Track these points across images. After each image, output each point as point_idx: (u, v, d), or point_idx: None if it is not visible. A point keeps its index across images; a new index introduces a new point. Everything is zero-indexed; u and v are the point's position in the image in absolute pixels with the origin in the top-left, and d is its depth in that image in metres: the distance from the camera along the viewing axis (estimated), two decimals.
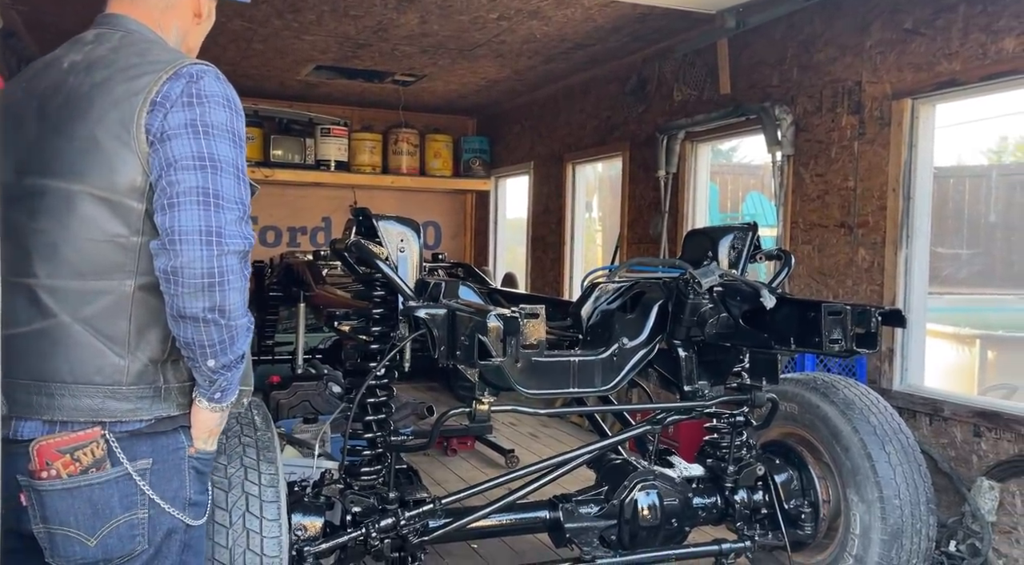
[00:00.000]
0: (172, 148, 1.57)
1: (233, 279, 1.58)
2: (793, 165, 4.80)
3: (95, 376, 1.60)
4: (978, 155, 7.64)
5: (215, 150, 1.59)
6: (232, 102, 1.67)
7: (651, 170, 5.99)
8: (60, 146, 1.63)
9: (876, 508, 2.94)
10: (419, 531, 2.66)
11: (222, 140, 1.61)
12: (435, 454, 5.51)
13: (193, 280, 1.54)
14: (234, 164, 1.62)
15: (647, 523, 2.94)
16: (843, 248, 4.47)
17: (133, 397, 1.62)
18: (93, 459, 1.57)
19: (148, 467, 1.64)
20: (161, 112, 1.58)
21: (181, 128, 1.58)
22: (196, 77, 1.62)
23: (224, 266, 1.56)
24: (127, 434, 1.63)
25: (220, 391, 1.68)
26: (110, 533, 1.60)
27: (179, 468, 1.71)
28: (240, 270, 1.60)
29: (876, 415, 3.06)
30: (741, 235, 3.12)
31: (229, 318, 1.59)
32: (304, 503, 2.59)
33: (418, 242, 2.69)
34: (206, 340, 1.59)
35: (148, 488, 1.64)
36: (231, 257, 1.57)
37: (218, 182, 1.58)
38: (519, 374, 2.70)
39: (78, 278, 1.60)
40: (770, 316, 2.68)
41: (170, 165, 1.56)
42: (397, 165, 8.62)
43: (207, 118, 1.60)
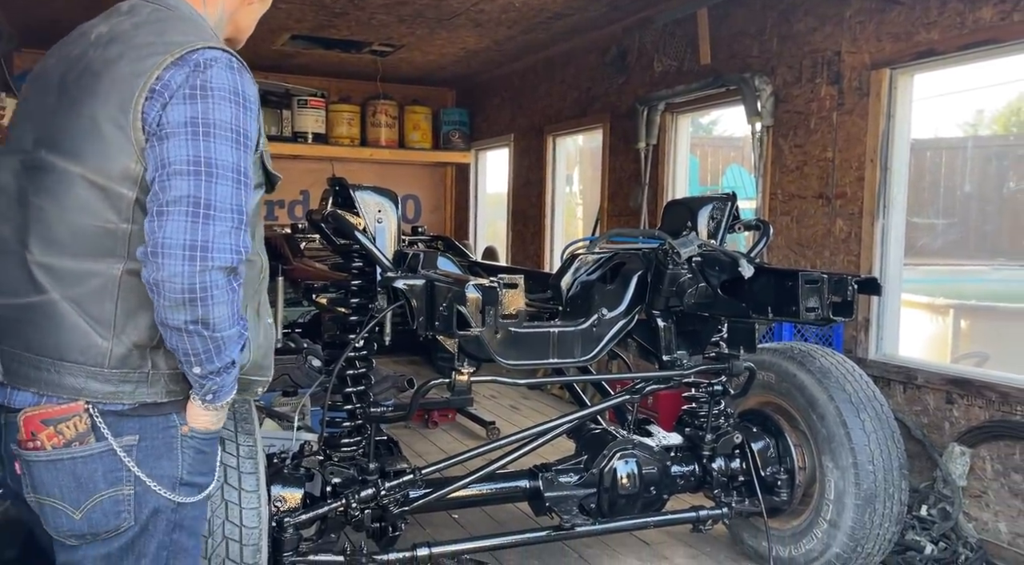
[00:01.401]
0: (168, 149, 1.49)
1: (219, 294, 1.51)
2: (772, 136, 4.80)
3: (79, 356, 1.57)
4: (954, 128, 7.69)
5: (213, 153, 1.50)
6: (241, 95, 1.56)
7: (631, 142, 5.97)
8: (68, 123, 1.58)
9: (850, 474, 2.99)
10: (399, 501, 2.67)
11: (223, 142, 1.51)
12: (416, 427, 5.53)
13: (174, 295, 1.48)
14: (235, 168, 1.53)
15: (626, 491, 2.97)
16: (821, 219, 4.49)
17: (115, 380, 1.59)
18: (76, 433, 1.56)
19: (134, 444, 1.61)
20: (159, 102, 1.50)
21: (179, 127, 1.49)
22: (204, 66, 1.52)
23: (208, 282, 1.49)
24: (112, 412, 1.60)
25: (211, 393, 1.63)
26: (94, 507, 1.59)
27: (170, 447, 1.66)
28: (227, 284, 1.52)
29: (851, 383, 3.10)
30: (720, 205, 3.13)
31: (214, 330, 1.53)
32: (283, 475, 2.59)
33: (396, 212, 2.67)
34: (190, 349, 1.54)
35: (134, 465, 1.61)
36: (216, 273, 1.49)
37: (212, 190, 1.49)
38: (499, 345, 2.70)
39: (70, 258, 1.56)
40: (748, 286, 2.69)
41: (164, 167, 1.49)
42: (376, 137, 8.53)
43: (209, 116, 1.50)
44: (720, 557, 3.49)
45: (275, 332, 1.99)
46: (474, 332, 2.08)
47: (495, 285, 1.99)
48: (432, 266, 2.39)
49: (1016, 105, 8.06)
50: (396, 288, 2.27)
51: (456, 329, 2.07)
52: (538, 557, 3.38)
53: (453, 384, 2.42)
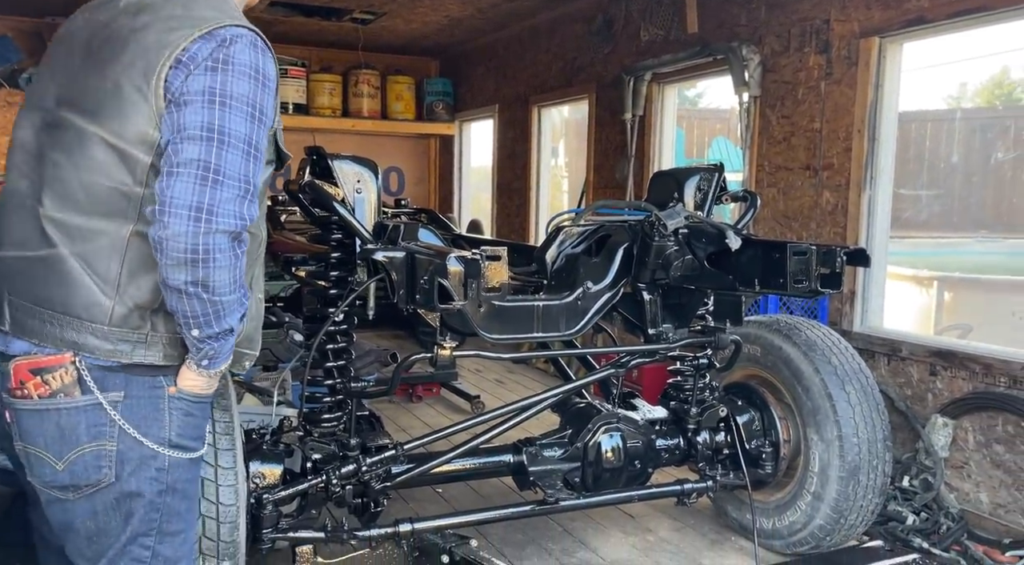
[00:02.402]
0: (184, 115, 1.54)
1: (221, 258, 1.55)
2: (760, 107, 4.74)
3: (81, 311, 1.61)
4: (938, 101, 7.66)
5: (227, 123, 1.55)
6: (261, 73, 1.61)
7: (617, 113, 5.89)
8: (91, 84, 1.63)
9: (835, 446, 2.99)
10: (381, 477, 2.63)
11: (238, 113, 1.56)
12: (400, 401, 5.49)
13: (176, 254, 1.52)
14: (246, 140, 1.57)
15: (610, 465, 2.95)
16: (808, 191, 4.46)
17: (114, 339, 1.62)
18: (62, 384, 1.60)
19: (119, 400, 1.64)
20: (184, 72, 1.55)
21: (198, 95, 1.55)
22: (229, 41, 1.58)
23: (211, 244, 1.53)
24: (98, 366, 1.63)
25: (207, 359, 1.67)
26: (76, 460, 1.62)
27: (157, 407, 1.69)
28: (230, 249, 1.56)
29: (837, 356, 3.08)
30: (707, 176, 3.08)
31: (213, 293, 1.57)
32: (262, 451, 2.54)
33: (376, 183, 2.60)
34: (188, 311, 1.58)
35: (121, 419, 1.64)
36: (220, 236, 1.54)
37: (223, 157, 1.54)
38: (482, 319, 2.65)
39: (81, 215, 1.61)
40: (735, 258, 2.65)
41: (178, 132, 1.54)
42: (358, 108, 8.39)
43: (228, 88, 1.56)
44: (704, 529, 3.49)
45: (263, 307, 1.96)
46: (456, 306, 2.03)
47: (477, 257, 1.94)
48: (413, 238, 2.32)
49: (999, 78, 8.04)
50: (375, 261, 2.21)
51: (437, 303, 2.02)
52: (523, 531, 3.37)
53: (435, 359, 2.37)
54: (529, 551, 3.24)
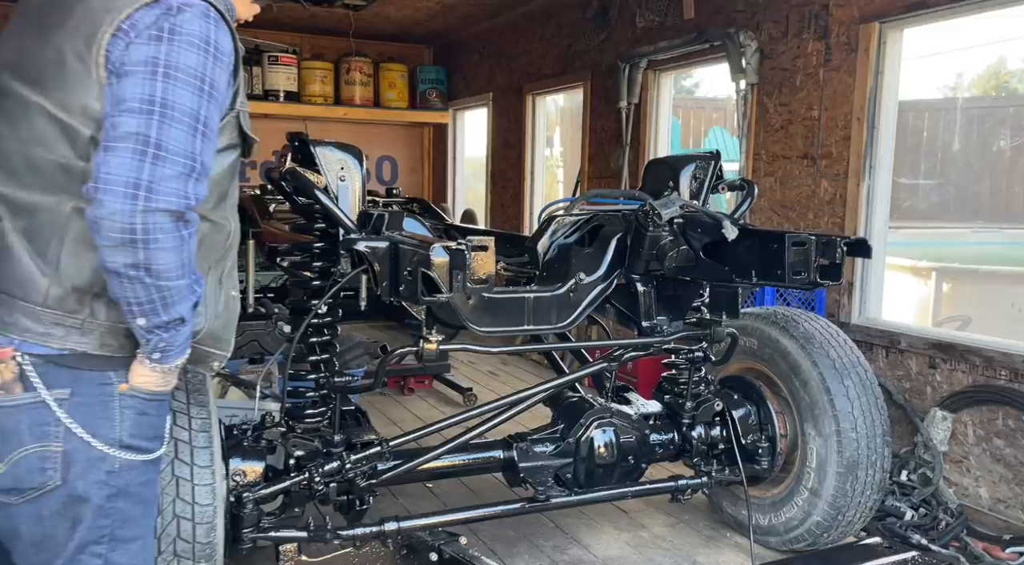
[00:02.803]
0: (124, 86, 1.44)
1: (163, 239, 1.44)
2: (757, 94, 4.65)
3: (16, 289, 1.53)
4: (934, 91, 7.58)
5: (170, 96, 1.44)
6: (213, 45, 1.50)
7: (613, 101, 5.79)
8: (35, 52, 1.54)
9: (833, 441, 2.92)
10: (366, 474, 2.55)
11: (184, 86, 1.45)
12: (391, 393, 5.42)
13: (112, 234, 1.41)
14: (193, 114, 1.47)
15: (603, 461, 2.88)
16: (805, 180, 4.37)
17: (47, 321, 1.53)
18: (2, 380, 1.51)
19: (65, 398, 1.55)
20: (124, 41, 1.46)
21: (139, 65, 1.44)
22: (176, 9, 1.47)
23: (149, 224, 1.42)
24: (41, 359, 1.53)
25: (158, 352, 1.56)
26: (18, 461, 1.53)
27: (106, 405, 1.59)
28: (174, 230, 1.45)
29: (835, 349, 3.01)
30: (703, 164, 3.00)
31: (158, 278, 1.46)
32: (243, 447, 2.46)
33: (360, 170, 2.51)
34: (131, 297, 1.48)
35: (68, 418, 1.54)
36: (159, 215, 1.42)
37: (164, 131, 1.43)
38: (471, 311, 2.57)
39: (23, 189, 1.53)
40: (732, 248, 2.57)
41: (117, 104, 1.44)
42: (350, 96, 8.26)
43: (172, 58, 1.45)
44: (699, 525, 3.43)
45: (239, 305, 1.87)
46: (441, 298, 1.95)
47: (463, 248, 1.85)
48: (397, 227, 2.24)
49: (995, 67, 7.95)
50: (357, 251, 2.12)
51: (421, 295, 1.94)
52: (513, 527, 3.30)
53: (421, 353, 2.29)
54: (520, 548, 3.18)
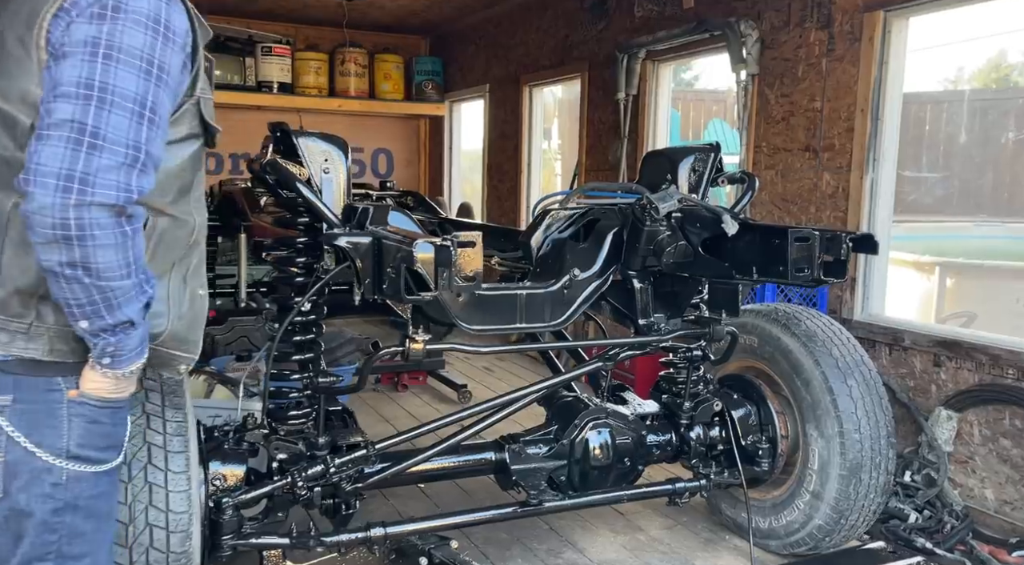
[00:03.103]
0: (62, 69, 1.33)
1: (101, 235, 1.33)
2: (758, 85, 4.54)
3: None
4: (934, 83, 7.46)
5: (111, 79, 1.33)
6: (162, 24, 1.39)
7: (611, 93, 5.68)
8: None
9: (836, 443, 2.83)
10: (352, 478, 2.46)
11: (127, 69, 1.35)
12: (385, 389, 5.33)
13: (44, 230, 1.31)
14: (137, 99, 1.35)
15: (598, 463, 2.79)
16: (807, 173, 4.27)
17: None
18: None
19: (7, 405, 1.45)
20: (65, 20, 1.35)
21: (79, 46, 1.34)
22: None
23: (85, 219, 1.31)
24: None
25: (108, 356, 1.45)
26: None
27: (53, 413, 1.48)
28: (114, 225, 1.34)
29: (838, 347, 2.91)
30: (702, 157, 2.90)
31: (98, 278, 1.35)
32: (223, 450, 2.36)
33: (345, 162, 2.41)
34: (71, 298, 1.37)
35: (9, 426, 1.44)
36: (97, 210, 1.32)
37: (102, 119, 1.32)
38: (460, 309, 2.48)
39: None
40: (732, 244, 2.47)
41: (53, 89, 1.34)
42: (344, 87, 8.16)
43: (115, 39, 1.34)
44: (697, 528, 3.34)
45: (207, 304, 1.76)
46: (426, 297, 1.85)
47: (448, 243, 1.75)
48: (382, 221, 2.14)
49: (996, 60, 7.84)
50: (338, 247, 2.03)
51: (404, 293, 1.84)
52: (507, 530, 3.21)
53: (407, 353, 2.20)
54: (514, 552, 3.09)
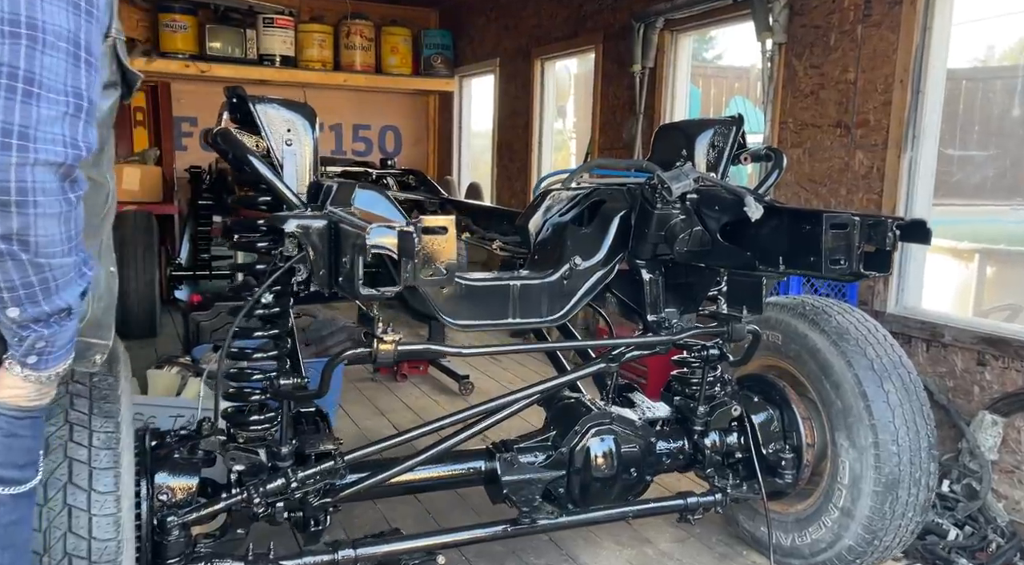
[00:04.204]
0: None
1: (44, 202, 1.13)
2: (785, 55, 4.18)
3: None
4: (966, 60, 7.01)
5: (39, 14, 1.12)
6: None
7: (626, 65, 5.33)
8: None
9: (869, 455, 2.51)
10: (321, 491, 2.18)
11: (55, 1, 1.13)
12: (383, 379, 5.05)
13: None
14: (71, 38, 1.15)
15: (601, 474, 2.49)
16: (838, 151, 3.91)
17: None
18: None
19: None
20: None
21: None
22: None
23: (28, 181, 1.10)
24: None
25: (36, 354, 1.24)
26: None
27: None
28: (59, 191, 1.14)
29: (874, 347, 2.58)
30: (723, 131, 2.56)
31: (36, 253, 1.15)
32: (173, 460, 2.08)
33: (312, 133, 2.10)
34: (1, 280, 1.15)
35: None
36: (41, 170, 1.11)
37: (35, 60, 1.11)
38: (443, 301, 2.19)
39: None
40: (755, 230, 2.15)
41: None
42: (350, 61, 7.84)
43: None
44: (712, 541, 3.04)
45: (117, 284, 1.51)
46: (385, 293, 1.55)
47: (411, 230, 1.45)
48: (345, 202, 1.83)
49: None
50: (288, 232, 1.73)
51: (359, 289, 1.54)
52: (502, 542, 2.91)
53: (375, 355, 1.90)
54: None
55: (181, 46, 7.15)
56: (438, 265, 1.49)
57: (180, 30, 7.12)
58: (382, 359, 1.90)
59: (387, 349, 1.89)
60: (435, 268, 1.48)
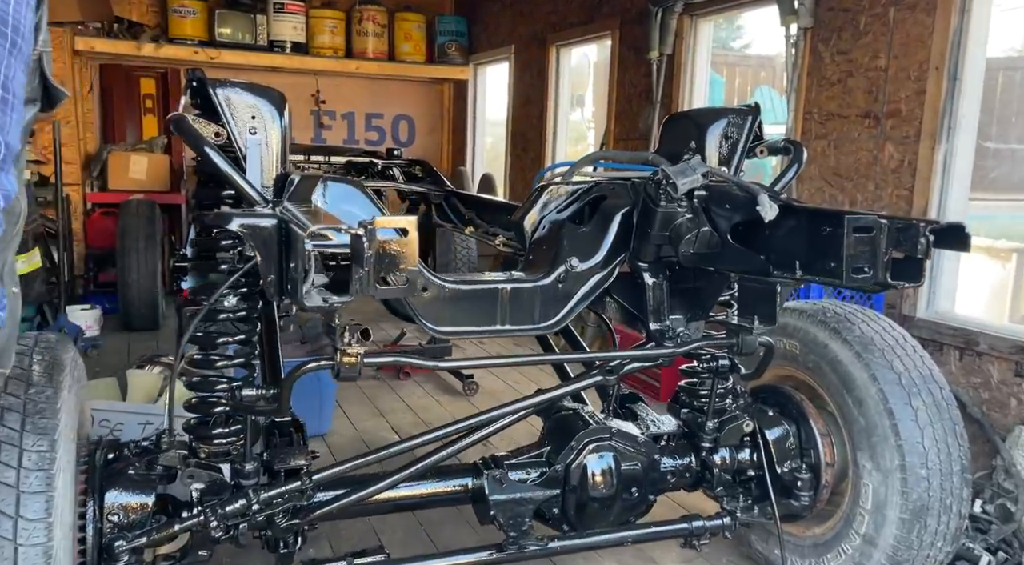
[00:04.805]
0: None
1: None
2: (811, 41, 3.92)
3: None
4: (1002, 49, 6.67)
5: None
6: None
7: (643, 52, 5.09)
8: None
9: (895, 479, 2.28)
10: (288, 512, 2.00)
11: None
12: (386, 378, 4.88)
13: None
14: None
15: (599, 494, 2.29)
16: (866, 143, 3.66)
17: None
18: None
19: None
20: None
21: None
22: None
23: None
24: None
25: None
26: None
27: None
28: None
29: (902, 359, 2.35)
30: (737, 120, 2.34)
31: None
32: (127, 476, 1.91)
33: (280, 121, 1.91)
34: None
35: None
36: None
37: None
38: (424, 305, 1.99)
39: None
40: (770, 232, 1.92)
41: None
42: (362, 48, 7.65)
43: None
44: (721, 562, 2.83)
45: (20, 306, 1.34)
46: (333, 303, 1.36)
47: (360, 232, 1.26)
48: (304, 197, 1.64)
49: None
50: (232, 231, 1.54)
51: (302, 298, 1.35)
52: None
53: (338, 369, 1.71)
54: None
55: (190, 32, 7.01)
56: (397, 273, 1.29)
57: (189, 15, 6.98)
58: (345, 373, 1.71)
59: (351, 362, 1.70)
60: (393, 277, 1.28)
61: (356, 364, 1.71)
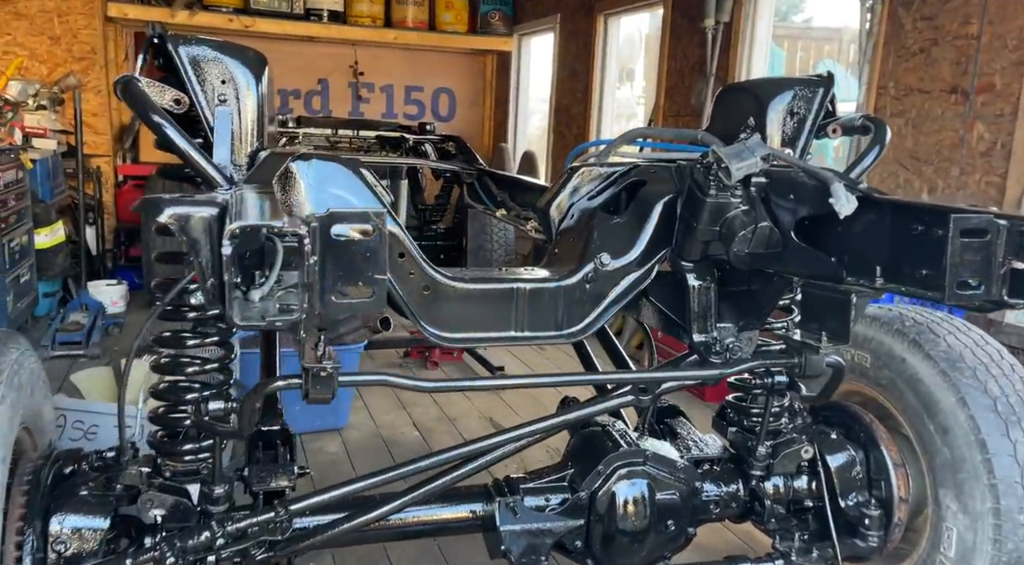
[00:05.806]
0: None
1: None
2: (890, 5, 3.47)
3: None
4: None
5: None
6: None
7: (697, 20, 4.66)
8: None
9: (987, 524, 1.91)
10: (265, 545, 1.73)
11: None
12: (414, 365, 4.62)
13: None
14: None
15: (630, 526, 1.97)
16: (951, 122, 3.22)
17: None
18: None
19: None
20: None
21: None
22: None
23: None
24: None
25: None
26: None
27: None
28: None
29: (998, 381, 1.97)
30: (805, 93, 1.97)
31: None
32: (78, 497, 1.66)
33: (256, 87, 1.61)
34: None
35: None
36: None
37: None
38: (426, 308, 1.69)
39: None
40: (845, 228, 1.56)
41: None
42: (402, 17, 7.33)
43: None
44: None
45: None
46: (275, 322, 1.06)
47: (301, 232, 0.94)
48: (265, 179, 1.33)
49: None
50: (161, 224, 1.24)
51: (229, 312, 1.05)
52: None
53: (307, 390, 1.42)
54: None
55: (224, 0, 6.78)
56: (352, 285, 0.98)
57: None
58: (316, 395, 1.42)
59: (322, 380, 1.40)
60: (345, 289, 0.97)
61: (331, 382, 1.41)
